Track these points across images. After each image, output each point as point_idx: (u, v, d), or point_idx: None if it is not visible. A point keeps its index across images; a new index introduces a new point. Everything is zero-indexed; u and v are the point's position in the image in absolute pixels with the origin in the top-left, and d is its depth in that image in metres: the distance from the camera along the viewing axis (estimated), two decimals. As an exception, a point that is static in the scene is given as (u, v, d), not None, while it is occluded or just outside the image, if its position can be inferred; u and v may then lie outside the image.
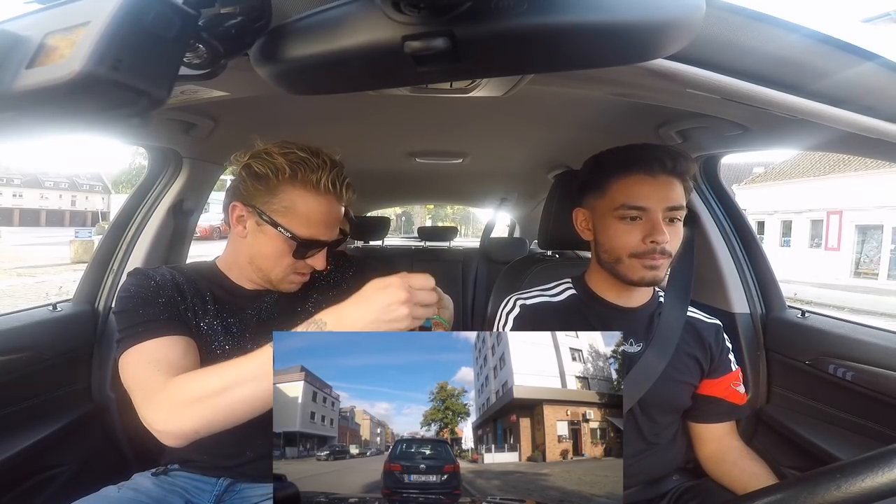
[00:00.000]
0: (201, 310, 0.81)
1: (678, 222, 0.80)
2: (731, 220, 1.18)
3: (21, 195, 42.07)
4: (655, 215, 0.77)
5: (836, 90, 0.44)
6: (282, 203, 0.79)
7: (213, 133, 1.10)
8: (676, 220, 0.79)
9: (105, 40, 0.26)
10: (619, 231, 0.79)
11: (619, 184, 0.79)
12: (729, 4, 0.39)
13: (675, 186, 0.78)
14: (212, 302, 0.83)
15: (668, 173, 0.77)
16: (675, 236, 0.79)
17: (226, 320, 0.82)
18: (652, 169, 0.77)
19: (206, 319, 0.81)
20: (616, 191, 0.80)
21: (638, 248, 0.78)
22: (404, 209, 24.35)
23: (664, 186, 0.77)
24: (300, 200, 0.79)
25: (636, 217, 0.78)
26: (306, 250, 0.81)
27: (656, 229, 0.76)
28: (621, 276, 0.81)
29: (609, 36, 0.30)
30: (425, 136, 1.33)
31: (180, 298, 0.80)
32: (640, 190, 0.77)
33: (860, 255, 15.04)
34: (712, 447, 0.89)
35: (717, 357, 0.88)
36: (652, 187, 0.77)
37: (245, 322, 0.83)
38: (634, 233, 0.78)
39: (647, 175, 0.77)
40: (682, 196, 0.79)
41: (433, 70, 0.32)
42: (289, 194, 0.79)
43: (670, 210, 0.77)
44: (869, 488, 0.39)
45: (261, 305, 0.86)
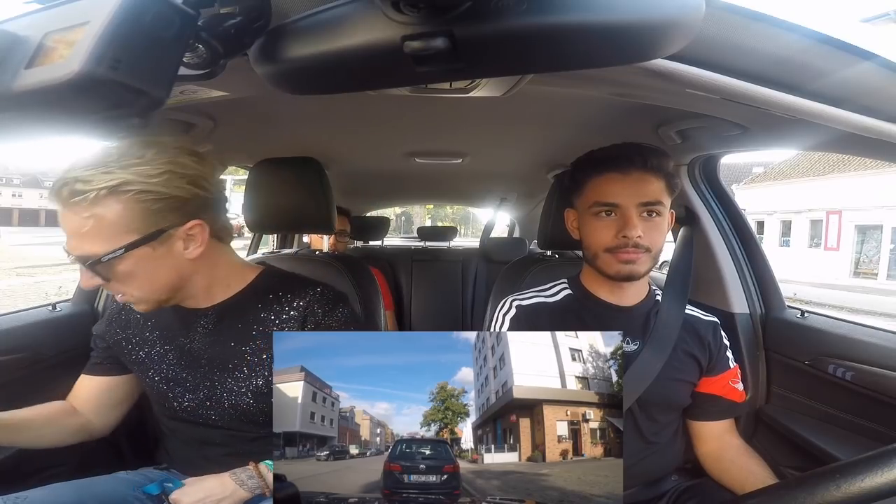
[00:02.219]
0: (142, 340, 0.86)
1: (657, 217, 0.81)
2: (730, 220, 1.18)
3: (20, 195, 42.06)
4: (628, 211, 0.79)
5: (835, 90, 0.44)
6: None
7: (213, 133, 1.10)
8: (655, 214, 0.81)
9: (104, 40, 0.26)
10: (594, 227, 0.83)
11: (593, 182, 0.83)
12: (729, 4, 0.39)
13: (649, 182, 0.80)
14: (153, 329, 0.86)
15: (640, 169, 0.80)
16: (653, 231, 0.80)
17: (163, 347, 0.85)
18: (622, 166, 0.80)
19: (145, 349, 0.85)
20: (591, 189, 0.83)
21: (611, 243, 0.80)
22: (404, 209, 24.35)
23: (637, 182, 0.79)
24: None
25: (609, 212, 0.81)
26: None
27: (628, 224, 0.78)
28: (601, 271, 0.84)
29: (609, 36, 0.30)
30: (425, 136, 1.33)
31: (123, 336, 0.87)
32: (611, 187, 0.80)
33: (859, 255, 15.05)
34: (711, 445, 0.89)
35: (715, 355, 0.88)
36: (623, 184, 0.80)
37: (180, 349, 0.84)
38: (608, 228, 0.80)
39: (618, 173, 0.80)
40: (658, 192, 0.80)
41: (433, 70, 0.32)
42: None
43: (644, 205, 0.79)
44: (868, 488, 0.39)
45: (193, 335, 0.82)
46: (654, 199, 0.80)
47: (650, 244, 0.80)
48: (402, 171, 1.88)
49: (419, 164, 1.65)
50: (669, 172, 0.83)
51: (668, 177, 0.82)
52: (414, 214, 24.44)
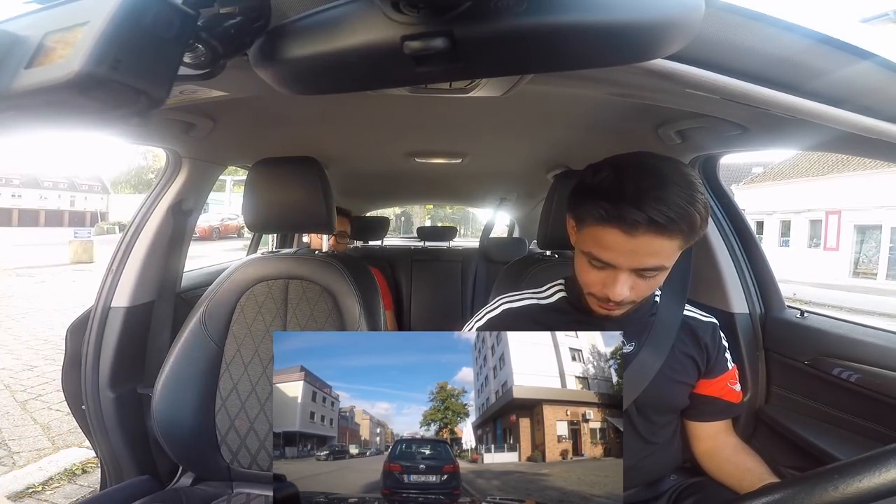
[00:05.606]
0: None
1: (654, 278, 0.70)
2: (730, 220, 1.18)
3: (20, 195, 42.02)
4: (620, 273, 0.69)
5: (835, 90, 0.44)
6: None
7: (213, 133, 1.10)
8: (652, 276, 0.70)
9: (104, 40, 0.26)
10: (584, 268, 0.75)
11: (593, 229, 0.69)
12: (728, 4, 0.39)
13: (656, 246, 0.66)
14: None
15: (650, 233, 0.64)
16: (645, 288, 0.71)
17: None
18: (629, 226, 0.64)
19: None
20: (587, 234, 0.71)
21: (596, 293, 0.74)
22: (403, 209, 24.34)
23: (642, 246, 0.65)
24: None
25: (601, 266, 0.71)
26: None
27: (615, 286, 0.69)
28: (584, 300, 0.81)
29: (608, 36, 0.30)
30: (424, 136, 1.33)
31: None
32: (608, 248, 0.68)
33: (859, 254, 15.06)
34: (707, 444, 0.89)
35: (713, 356, 0.88)
36: (624, 247, 0.66)
37: None
38: (598, 276, 0.72)
39: (623, 232, 0.65)
40: (666, 254, 0.67)
41: (432, 70, 0.32)
42: None
43: (642, 270, 0.69)
44: (866, 489, 0.39)
45: None
46: (656, 266, 0.68)
47: (637, 298, 0.73)
48: (402, 171, 1.88)
49: (419, 164, 1.66)
50: (694, 229, 0.66)
51: (690, 235, 0.66)
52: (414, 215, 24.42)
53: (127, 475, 1.16)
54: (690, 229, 0.65)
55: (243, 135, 1.23)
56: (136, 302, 1.22)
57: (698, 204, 0.65)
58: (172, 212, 1.27)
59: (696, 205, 0.65)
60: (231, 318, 1.12)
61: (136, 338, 1.22)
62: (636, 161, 0.69)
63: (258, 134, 1.24)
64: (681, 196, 0.64)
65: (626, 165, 0.68)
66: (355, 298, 1.12)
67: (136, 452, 1.18)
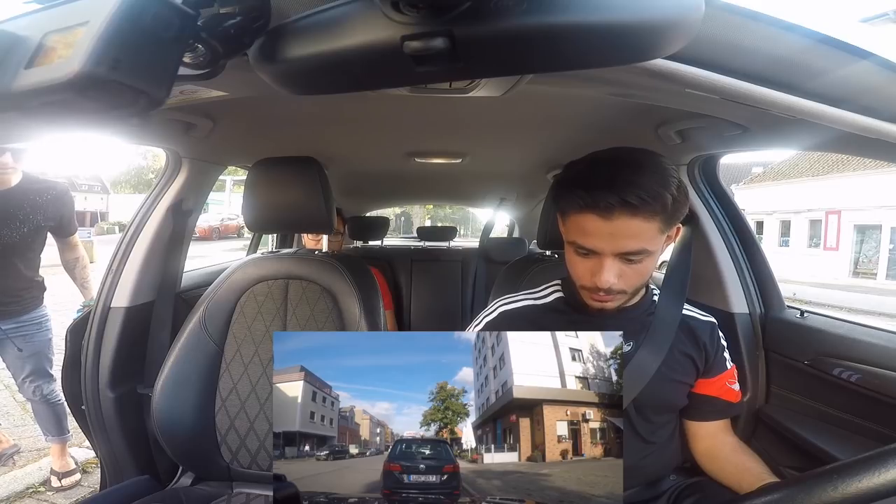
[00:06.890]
0: None
1: (640, 263, 0.72)
2: (729, 220, 1.18)
3: (20, 195, 41.90)
4: (604, 258, 0.71)
5: (835, 90, 0.44)
6: None
7: (213, 133, 1.10)
8: (637, 261, 0.72)
9: (104, 40, 0.26)
10: (573, 260, 0.77)
11: (573, 218, 0.72)
12: (728, 4, 0.39)
13: (634, 229, 0.68)
14: None
15: (625, 215, 0.67)
16: (633, 275, 0.73)
17: None
18: (602, 209, 0.67)
19: None
20: (571, 224, 0.74)
21: (586, 283, 0.75)
22: (403, 209, 24.33)
23: (619, 229, 0.68)
24: None
25: (586, 254, 0.73)
26: None
27: (602, 273, 0.71)
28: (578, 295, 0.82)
29: (608, 36, 0.30)
30: (424, 136, 1.33)
31: None
32: (589, 233, 0.70)
33: (859, 254, 15.06)
34: (706, 443, 0.89)
35: (712, 356, 0.88)
36: (602, 231, 0.69)
37: None
38: (585, 266, 0.74)
39: (598, 216, 0.68)
40: (646, 238, 0.69)
41: (432, 70, 0.32)
42: None
43: (625, 254, 0.70)
44: (866, 489, 0.39)
45: None
46: (637, 249, 0.70)
47: (627, 287, 0.74)
48: (402, 171, 1.88)
49: (419, 164, 1.65)
50: (667, 209, 0.68)
51: (665, 216, 0.69)
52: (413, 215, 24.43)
53: (127, 475, 1.16)
54: (664, 210, 0.68)
55: (243, 135, 1.23)
56: (136, 302, 1.22)
57: (671, 186, 0.68)
58: (172, 212, 1.27)
59: (670, 187, 0.68)
60: (231, 318, 1.12)
61: (135, 338, 1.22)
62: (612, 153, 0.73)
63: (258, 134, 1.24)
64: (653, 179, 0.67)
65: (602, 157, 0.73)
66: (355, 298, 1.12)
67: (136, 452, 1.18)
